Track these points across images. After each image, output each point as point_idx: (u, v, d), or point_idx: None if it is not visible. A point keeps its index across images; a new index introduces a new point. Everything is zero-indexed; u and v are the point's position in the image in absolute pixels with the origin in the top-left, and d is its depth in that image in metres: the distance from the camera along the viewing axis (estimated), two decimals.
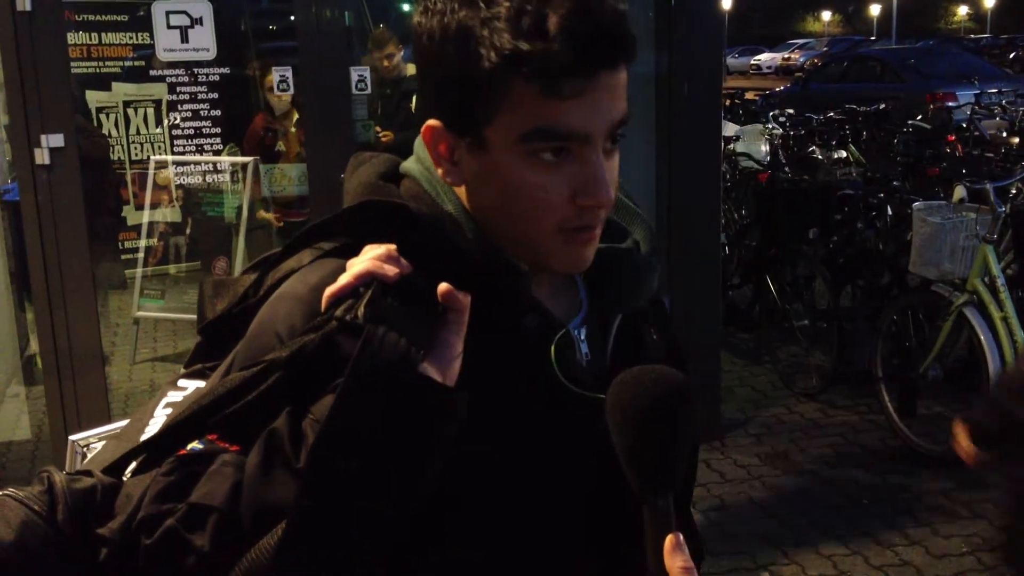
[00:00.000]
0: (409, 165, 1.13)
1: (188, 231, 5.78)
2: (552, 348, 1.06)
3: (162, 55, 4.37)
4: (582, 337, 1.13)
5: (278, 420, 0.96)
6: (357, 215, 1.06)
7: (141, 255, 5.72)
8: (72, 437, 1.69)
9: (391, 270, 0.97)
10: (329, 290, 0.98)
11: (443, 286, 0.97)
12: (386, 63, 6.00)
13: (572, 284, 1.17)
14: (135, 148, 5.80)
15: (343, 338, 0.96)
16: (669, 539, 0.91)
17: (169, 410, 1.14)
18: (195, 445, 0.98)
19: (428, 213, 1.05)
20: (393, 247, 1.00)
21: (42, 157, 3.90)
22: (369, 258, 0.98)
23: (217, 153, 4.69)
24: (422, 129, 1.06)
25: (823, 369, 5.70)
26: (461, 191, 1.08)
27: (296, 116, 5.16)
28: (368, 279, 0.97)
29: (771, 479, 4.65)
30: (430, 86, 1.05)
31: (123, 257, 6.41)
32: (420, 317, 0.97)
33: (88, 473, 1.04)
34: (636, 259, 1.16)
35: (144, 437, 1.10)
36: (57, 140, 3.90)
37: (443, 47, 0.99)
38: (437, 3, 1.00)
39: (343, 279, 0.98)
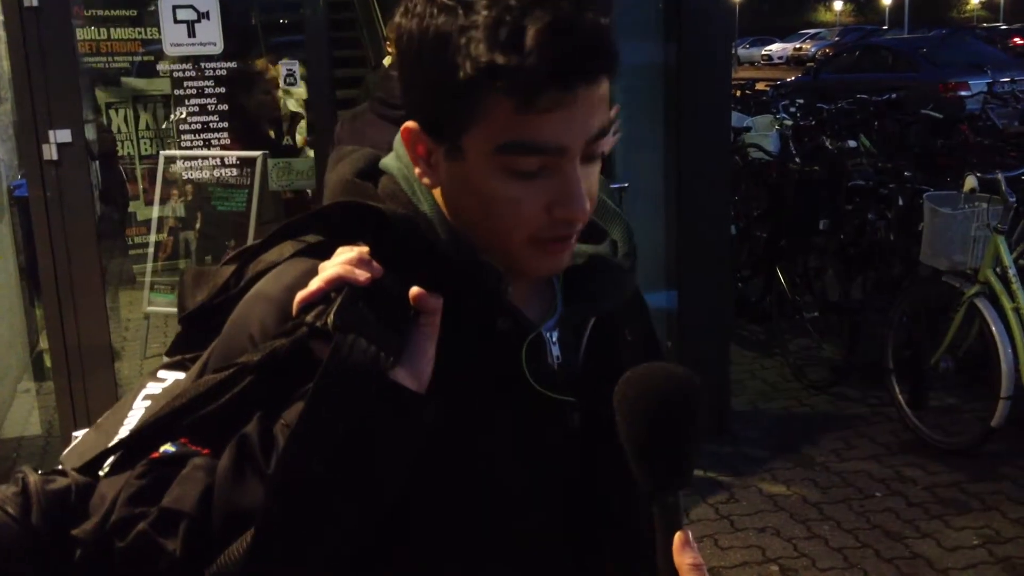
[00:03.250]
0: (388, 162, 1.13)
1: (198, 226, 5.78)
2: (523, 351, 1.06)
3: (169, 50, 4.37)
4: (554, 340, 1.12)
5: (249, 425, 0.96)
6: (331, 215, 1.05)
7: (151, 250, 5.72)
8: (76, 433, 1.70)
9: (362, 275, 0.96)
10: (300, 295, 0.98)
11: (415, 290, 0.97)
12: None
13: (548, 285, 1.16)
14: (144, 143, 5.81)
15: (315, 343, 0.95)
16: (678, 536, 0.91)
17: (148, 402, 1.14)
18: (167, 448, 0.99)
19: (403, 213, 1.03)
20: (366, 250, 0.99)
21: (50, 153, 3.91)
22: (340, 262, 0.97)
23: (225, 147, 4.68)
24: (400, 130, 1.05)
25: (834, 361, 5.67)
26: (438, 192, 1.07)
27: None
28: (339, 283, 0.96)
29: (781, 472, 4.63)
30: (408, 88, 1.03)
31: (132, 253, 6.43)
32: (391, 322, 0.96)
33: (63, 473, 1.04)
34: (613, 261, 1.15)
35: (122, 429, 1.11)
36: (65, 136, 3.91)
37: (420, 52, 0.97)
38: (417, 5, 0.98)
39: (314, 283, 0.97)
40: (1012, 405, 4.35)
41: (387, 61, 6.48)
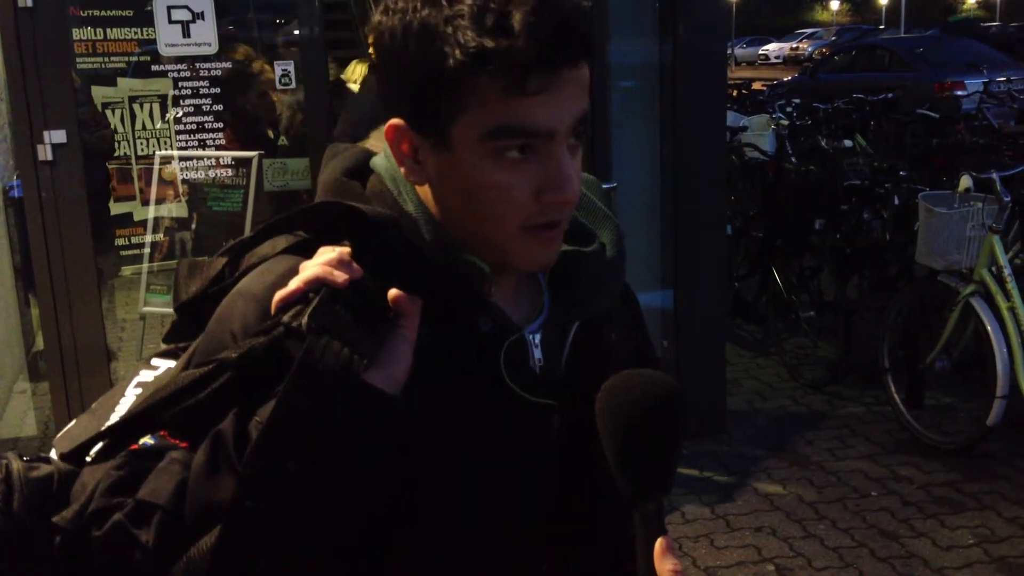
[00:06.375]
0: (377, 161, 1.13)
1: (194, 226, 5.78)
2: (502, 352, 1.06)
3: (164, 50, 4.37)
4: (536, 342, 1.12)
5: (224, 422, 0.97)
6: (315, 215, 1.06)
7: (147, 251, 5.72)
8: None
9: (340, 276, 0.96)
10: (279, 295, 0.98)
11: (393, 292, 0.98)
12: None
13: (536, 287, 1.16)
14: (141, 144, 5.80)
15: (290, 343, 0.96)
16: (659, 542, 0.91)
17: (139, 390, 1.16)
18: (147, 440, 1.01)
19: (385, 213, 1.03)
20: (346, 251, 0.99)
21: (45, 153, 3.91)
22: (320, 263, 0.98)
23: (220, 148, 4.68)
24: (384, 128, 1.05)
25: (830, 360, 5.68)
26: (425, 190, 1.07)
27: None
28: (317, 284, 0.96)
29: (777, 471, 4.63)
30: (392, 85, 1.03)
31: (128, 253, 6.43)
32: (368, 324, 0.96)
33: (47, 460, 1.07)
34: (600, 263, 1.15)
35: (113, 416, 1.13)
36: (60, 136, 3.91)
37: (405, 46, 0.98)
38: (399, 2, 0.99)
39: (293, 283, 0.98)
40: (1007, 404, 4.35)
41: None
